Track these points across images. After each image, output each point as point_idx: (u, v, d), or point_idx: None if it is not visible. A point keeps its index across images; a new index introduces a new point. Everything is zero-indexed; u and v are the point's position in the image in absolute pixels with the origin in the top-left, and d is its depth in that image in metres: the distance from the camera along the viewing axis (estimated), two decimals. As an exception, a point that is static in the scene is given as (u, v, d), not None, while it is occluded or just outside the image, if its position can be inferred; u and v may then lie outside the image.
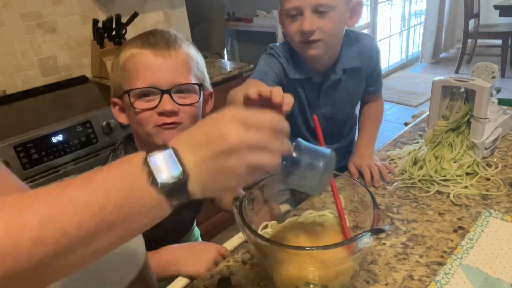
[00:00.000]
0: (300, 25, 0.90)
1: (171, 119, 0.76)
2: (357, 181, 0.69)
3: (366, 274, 0.68)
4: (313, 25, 0.89)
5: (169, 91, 0.75)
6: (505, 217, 0.78)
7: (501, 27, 4.10)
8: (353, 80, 1.06)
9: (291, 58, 1.02)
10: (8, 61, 1.76)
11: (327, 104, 1.07)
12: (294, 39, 0.94)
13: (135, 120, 0.78)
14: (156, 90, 0.75)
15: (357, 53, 1.03)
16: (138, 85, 0.75)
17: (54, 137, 1.39)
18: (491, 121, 1.04)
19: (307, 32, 0.90)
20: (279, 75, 1.00)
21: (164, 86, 0.75)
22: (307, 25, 0.88)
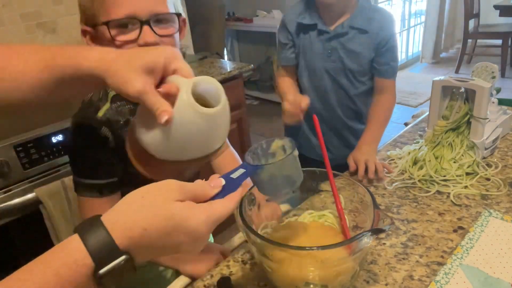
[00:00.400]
0: None
1: None
2: (357, 181, 0.69)
3: (366, 274, 0.68)
4: None
5: (149, 21, 0.72)
6: (505, 217, 0.78)
7: (501, 27, 4.10)
8: (359, 41, 1.11)
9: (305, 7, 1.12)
10: (8, 61, 1.76)
11: (332, 58, 1.12)
12: None
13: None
14: (135, 21, 0.72)
15: (369, 18, 1.09)
16: (115, 13, 0.71)
17: (54, 137, 1.39)
18: (491, 121, 1.04)
19: None
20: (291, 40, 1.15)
21: (143, 16, 0.72)
22: None
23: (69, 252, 0.39)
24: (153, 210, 0.42)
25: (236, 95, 2.02)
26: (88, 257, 0.38)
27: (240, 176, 0.52)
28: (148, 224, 0.41)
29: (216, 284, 0.68)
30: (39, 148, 1.35)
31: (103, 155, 0.80)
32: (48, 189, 1.33)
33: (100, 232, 0.39)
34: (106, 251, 0.39)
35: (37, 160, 1.36)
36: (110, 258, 0.39)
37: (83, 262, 0.38)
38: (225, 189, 0.49)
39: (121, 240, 0.39)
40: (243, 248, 0.78)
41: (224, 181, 0.49)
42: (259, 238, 0.57)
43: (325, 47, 1.11)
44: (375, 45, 1.12)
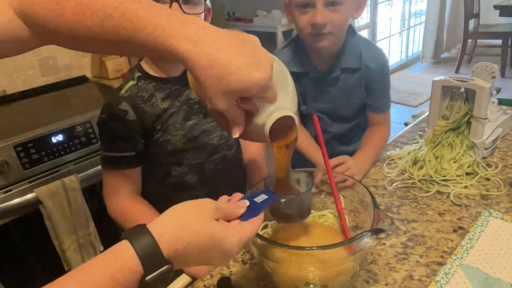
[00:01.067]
0: (311, 17, 0.93)
1: None
2: (357, 181, 0.69)
3: (366, 274, 0.68)
4: (325, 18, 0.92)
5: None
6: (505, 217, 0.78)
7: (501, 27, 4.10)
8: (350, 81, 1.08)
9: (294, 54, 1.07)
10: (8, 61, 1.76)
11: (324, 99, 1.11)
12: (304, 30, 0.97)
13: None
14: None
15: (358, 55, 1.05)
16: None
17: (54, 137, 1.39)
18: (491, 121, 1.04)
19: (319, 25, 0.93)
20: None
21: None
22: (319, 18, 0.92)
23: (123, 259, 0.41)
24: (197, 226, 0.46)
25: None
26: (139, 265, 0.41)
27: (263, 201, 0.55)
28: (191, 239, 0.45)
29: (216, 284, 0.68)
30: (39, 148, 1.35)
31: (122, 129, 0.86)
32: (48, 189, 1.34)
33: (149, 241, 0.43)
34: (154, 260, 0.42)
35: (37, 160, 1.36)
36: (156, 266, 0.42)
37: (135, 269, 0.41)
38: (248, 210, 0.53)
39: (167, 251, 0.43)
40: (243, 248, 0.78)
41: (248, 202, 0.54)
42: (259, 238, 0.57)
43: (317, 89, 1.09)
44: (366, 81, 1.08)
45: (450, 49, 5.05)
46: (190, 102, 0.93)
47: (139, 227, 0.44)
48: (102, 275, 0.40)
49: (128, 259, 0.41)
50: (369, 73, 1.06)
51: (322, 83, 1.08)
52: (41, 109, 1.65)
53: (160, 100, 0.89)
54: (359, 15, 1.02)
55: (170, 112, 0.90)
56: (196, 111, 0.94)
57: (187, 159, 0.94)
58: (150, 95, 0.89)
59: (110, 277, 0.40)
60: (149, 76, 0.90)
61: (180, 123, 0.91)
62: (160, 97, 0.90)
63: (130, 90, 0.88)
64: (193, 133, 0.93)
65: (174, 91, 0.91)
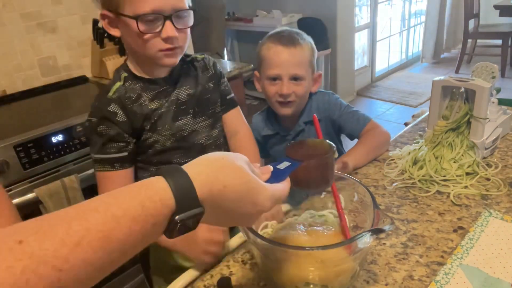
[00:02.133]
0: (279, 88, 1.14)
1: (173, 45, 0.83)
2: (357, 181, 0.69)
3: (366, 274, 0.68)
4: (290, 89, 1.13)
5: (171, 16, 0.80)
6: (505, 217, 0.78)
7: (501, 27, 4.10)
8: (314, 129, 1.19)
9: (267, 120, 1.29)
10: (8, 61, 1.76)
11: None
12: (272, 99, 1.18)
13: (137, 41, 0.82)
14: (160, 16, 0.79)
15: (316, 107, 1.22)
16: (142, 8, 0.78)
17: (54, 137, 1.39)
18: (491, 121, 1.04)
19: (285, 95, 1.13)
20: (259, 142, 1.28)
21: (167, 11, 0.80)
22: (285, 90, 1.12)
23: (155, 189, 0.39)
24: (234, 171, 0.44)
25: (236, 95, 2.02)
26: (172, 199, 0.39)
27: (286, 168, 0.55)
28: (229, 182, 0.43)
29: (216, 284, 0.68)
30: (39, 148, 1.35)
31: (113, 131, 0.87)
32: (48, 189, 1.34)
33: (184, 179, 0.40)
34: (188, 198, 0.40)
35: (37, 160, 1.36)
36: (189, 206, 0.40)
37: (167, 203, 0.39)
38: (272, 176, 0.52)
39: (201, 192, 0.41)
40: (243, 248, 0.78)
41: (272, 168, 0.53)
42: (259, 238, 0.57)
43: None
44: (331, 124, 1.21)
45: (450, 49, 5.06)
46: (178, 102, 0.94)
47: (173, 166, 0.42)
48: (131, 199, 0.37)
49: (160, 189, 0.39)
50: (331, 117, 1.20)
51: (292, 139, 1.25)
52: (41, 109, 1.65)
53: (148, 100, 0.90)
54: (315, 89, 1.22)
55: (159, 112, 0.91)
56: (184, 112, 0.95)
57: (176, 159, 0.96)
58: (138, 95, 0.89)
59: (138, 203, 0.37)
60: (135, 76, 0.91)
61: (169, 123, 0.92)
62: (148, 98, 0.91)
63: (118, 92, 0.88)
64: (181, 133, 0.95)
65: (162, 92, 0.92)
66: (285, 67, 1.11)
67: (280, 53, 1.11)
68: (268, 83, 1.16)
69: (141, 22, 0.79)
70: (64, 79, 1.93)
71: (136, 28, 0.79)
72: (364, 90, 4.22)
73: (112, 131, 0.87)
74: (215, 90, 1.03)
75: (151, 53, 0.84)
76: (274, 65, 1.12)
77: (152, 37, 0.81)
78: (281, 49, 1.11)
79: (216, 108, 1.03)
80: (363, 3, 4.32)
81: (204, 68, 1.02)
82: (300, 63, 1.12)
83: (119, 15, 0.81)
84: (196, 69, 1.00)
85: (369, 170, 1.02)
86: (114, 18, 0.83)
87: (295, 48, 1.11)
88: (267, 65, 1.14)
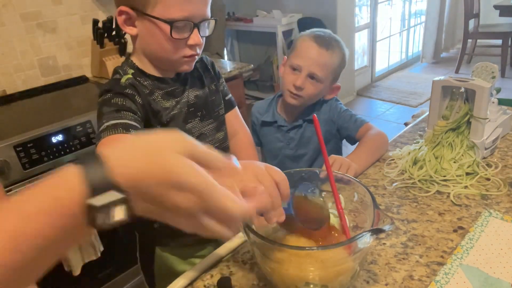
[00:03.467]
0: (295, 79, 1.16)
1: (197, 52, 0.85)
2: (357, 181, 0.69)
3: (366, 274, 0.68)
4: (304, 84, 1.15)
5: (199, 24, 0.81)
6: (505, 217, 0.78)
7: (501, 27, 4.10)
8: (312, 129, 1.25)
9: (268, 107, 1.32)
10: (8, 61, 1.76)
11: (290, 146, 1.28)
12: (285, 85, 1.20)
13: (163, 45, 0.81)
14: (190, 23, 0.79)
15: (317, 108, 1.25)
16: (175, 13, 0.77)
17: (54, 137, 1.39)
18: (491, 121, 1.04)
19: (297, 86, 1.16)
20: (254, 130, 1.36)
21: (196, 19, 0.80)
22: (299, 82, 1.15)
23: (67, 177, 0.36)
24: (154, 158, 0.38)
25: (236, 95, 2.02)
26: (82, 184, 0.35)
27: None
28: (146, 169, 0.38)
29: (216, 284, 0.68)
30: (39, 148, 1.35)
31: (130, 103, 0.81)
32: (48, 189, 1.33)
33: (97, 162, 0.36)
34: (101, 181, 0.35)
35: (37, 160, 1.36)
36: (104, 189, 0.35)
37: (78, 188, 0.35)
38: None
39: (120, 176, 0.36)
40: (243, 248, 0.78)
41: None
42: (259, 238, 0.57)
43: (284, 137, 1.28)
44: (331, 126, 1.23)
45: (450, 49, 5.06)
46: (188, 104, 0.92)
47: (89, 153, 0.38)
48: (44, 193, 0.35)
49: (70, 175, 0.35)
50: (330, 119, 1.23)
51: (288, 131, 1.27)
52: (41, 109, 1.65)
53: (160, 98, 0.88)
54: (329, 97, 1.24)
55: (171, 114, 0.89)
56: (193, 114, 0.93)
57: None
58: (151, 91, 0.87)
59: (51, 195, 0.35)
60: (144, 73, 0.87)
61: (180, 125, 0.90)
62: (160, 95, 0.88)
63: (130, 80, 0.84)
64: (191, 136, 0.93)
65: (172, 92, 0.90)
66: (309, 63, 1.14)
67: (311, 49, 1.15)
68: (288, 70, 1.20)
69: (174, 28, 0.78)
70: (64, 79, 1.93)
71: (168, 32, 0.78)
72: (364, 90, 4.22)
73: (128, 103, 0.81)
74: (217, 91, 1.02)
75: (175, 58, 0.83)
76: (300, 56, 1.16)
77: (179, 43, 0.81)
78: (314, 46, 1.14)
79: (220, 111, 1.02)
80: (363, 3, 4.32)
81: (205, 68, 1.01)
82: (324, 66, 1.15)
83: (144, 14, 0.78)
84: (199, 70, 0.99)
85: (369, 170, 1.02)
86: (135, 16, 0.80)
87: (326, 51, 1.14)
88: (295, 55, 1.18)
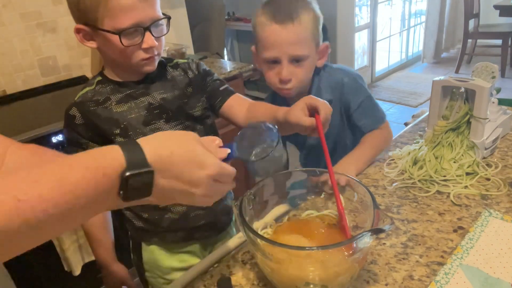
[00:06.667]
0: (278, 72, 1.00)
1: (153, 54, 0.86)
2: (357, 181, 0.69)
3: (366, 274, 0.68)
4: (290, 73, 0.99)
5: (150, 27, 0.83)
6: (505, 217, 0.78)
7: (501, 27, 4.10)
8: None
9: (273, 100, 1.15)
10: (8, 61, 1.76)
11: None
12: (272, 84, 1.05)
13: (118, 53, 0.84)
14: (140, 28, 0.82)
15: (329, 87, 1.07)
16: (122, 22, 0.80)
17: (54, 137, 1.39)
18: (491, 121, 1.04)
19: (285, 80, 1.00)
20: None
21: (146, 23, 0.82)
22: (285, 74, 0.99)
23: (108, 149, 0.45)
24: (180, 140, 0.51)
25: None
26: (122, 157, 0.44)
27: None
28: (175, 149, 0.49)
29: (216, 284, 0.68)
30: (39, 148, 1.35)
31: (71, 134, 0.91)
32: (48, 189, 1.33)
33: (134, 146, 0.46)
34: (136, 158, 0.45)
35: (37, 160, 1.35)
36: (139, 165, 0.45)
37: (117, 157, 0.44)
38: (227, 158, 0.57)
39: (150, 155, 0.46)
40: (243, 248, 0.78)
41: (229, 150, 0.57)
42: (259, 238, 0.57)
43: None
44: (344, 110, 1.09)
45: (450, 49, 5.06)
46: (150, 107, 0.92)
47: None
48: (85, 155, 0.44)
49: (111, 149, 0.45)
50: (343, 102, 1.07)
51: None
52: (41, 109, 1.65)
53: (114, 103, 0.90)
54: (322, 63, 1.07)
55: (128, 117, 0.90)
56: (157, 116, 0.93)
57: None
58: (105, 98, 0.90)
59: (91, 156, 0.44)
60: (108, 79, 0.93)
61: (140, 127, 0.91)
62: (115, 100, 0.90)
63: (83, 96, 0.91)
64: None
65: (130, 94, 0.91)
66: (283, 48, 0.96)
67: (277, 32, 0.96)
68: (266, 66, 1.03)
69: (123, 36, 0.80)
70: (64, 79, 1.93)
71: (118, 42, 0.80)
72: (364, 90, 4.20)
73: (69, 134, 0.91)
74: (195, 94, 0.99)
75: (134, 62, 0.86)
76: (269, 47, 0.98)
77: (134, 49, 0.83)
78: (277, 28, 0.95)
79: (196, 112, 0.98)
80: (363, 3, 4.32)
81: (184, 72, 0.99)
82: (299, 41, 0.97)
83: (97, 29, 0.82)
84: (174, 73, 0.98)
85: (369, 170, 1.02)
86: (90, 31, 0.84)
87: (293, 25, 0.95)
88: (263, 47, 1.00)
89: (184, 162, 0.49)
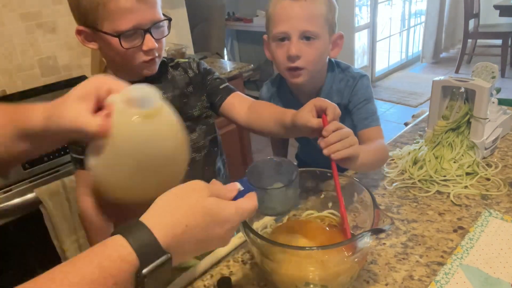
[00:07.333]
0: (287, 50, 0.95)
1: (154, 56, 0.86)
2: (357, 181, 0.69)
3: (366, 274, 0.68)
4: (299, 50, 0.94)
5: (150, 29, 0.83)
6: (505, 217, 0.78)
7: (501, 27, 4.10)
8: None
9: (277, 90, 1.12)
10: (8, 61, 1.76)
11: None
12: (280, 65, 1.00)
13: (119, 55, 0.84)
14: (140, 30, 0.82)
15: (340, 90, 1.05)
16: (122, 25, 0.80)
17: (54, 137, 1.38)
18: (491, 121, 1.04)
19: (293, 56, 0.95)
20: None
21: (146, 25, 0.82)
22: (293, 50, 0.94)
23: (114, 247, 0.39)
24: (192, 208, 0.45)
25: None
26: (133, 254, 0.39)
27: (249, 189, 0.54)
28: (189, 221, 0.44)
29: (216, 284, 0.68)
30: (39, 148, 1.35)
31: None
32: (48, 189, 1.34)
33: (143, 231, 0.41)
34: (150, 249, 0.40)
35: (37, 160, 1.36)
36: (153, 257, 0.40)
37: (128, 259, 0.39)
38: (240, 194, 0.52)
39: (164, 239, 0.41)
40: (243, 248, 0.78)
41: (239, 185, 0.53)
42: (259, 238, 0.57)
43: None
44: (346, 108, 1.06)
45: (450, 49, 5.05)
46: None
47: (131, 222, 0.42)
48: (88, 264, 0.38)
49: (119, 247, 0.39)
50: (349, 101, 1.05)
51: None
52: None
53: None
54: (335, 54, 1.03)
55: None
56: None
57: None
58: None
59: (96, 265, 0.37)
60: None
61: None
62: None
63: None
64: None
65: None
66: (294, 23, 0.93)
67: (288, 7, 0.94)
68: (275, 45, 0.99)
69: (123, 39, 0.80)
70: (64, 79, 1.92)
71: (118, 45, 0.80)
72: (364, 90, 4.20)
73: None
74: (195, 93, 0.99)
75: (133, 65, 0.86)
76: (280, 21, 0.95)
77: (134, 51, 0.83)
78: (289, 3, 0.94)
79: (195, 112, 0.99)
80: (363, 3, 4.32)
81: (184, 72, 0.99)
82: (311, 17, 0.94)
83: (97, 31, 0.82)
84: (174, 73, 0.99)
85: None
86: (91, 33, 0.84)
87: (306, 1, 0.93)
88: (274, 23, 0.97)
89: (202, 228, 0.45)
